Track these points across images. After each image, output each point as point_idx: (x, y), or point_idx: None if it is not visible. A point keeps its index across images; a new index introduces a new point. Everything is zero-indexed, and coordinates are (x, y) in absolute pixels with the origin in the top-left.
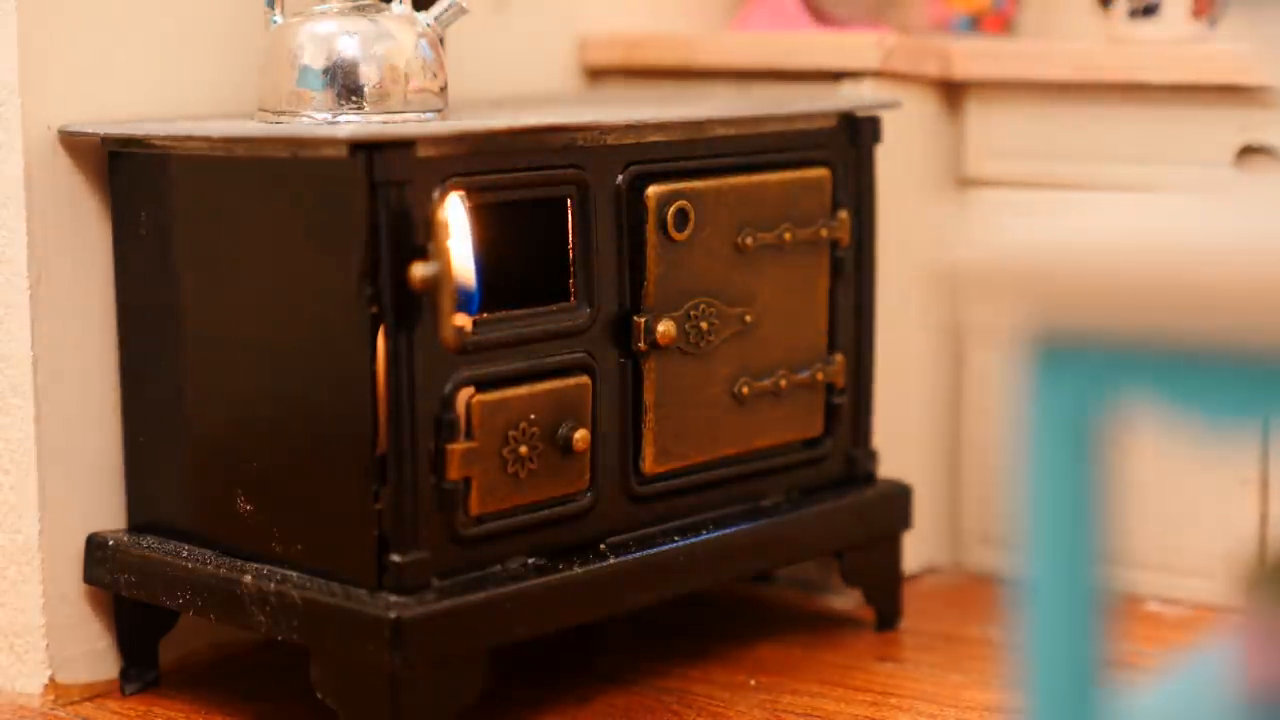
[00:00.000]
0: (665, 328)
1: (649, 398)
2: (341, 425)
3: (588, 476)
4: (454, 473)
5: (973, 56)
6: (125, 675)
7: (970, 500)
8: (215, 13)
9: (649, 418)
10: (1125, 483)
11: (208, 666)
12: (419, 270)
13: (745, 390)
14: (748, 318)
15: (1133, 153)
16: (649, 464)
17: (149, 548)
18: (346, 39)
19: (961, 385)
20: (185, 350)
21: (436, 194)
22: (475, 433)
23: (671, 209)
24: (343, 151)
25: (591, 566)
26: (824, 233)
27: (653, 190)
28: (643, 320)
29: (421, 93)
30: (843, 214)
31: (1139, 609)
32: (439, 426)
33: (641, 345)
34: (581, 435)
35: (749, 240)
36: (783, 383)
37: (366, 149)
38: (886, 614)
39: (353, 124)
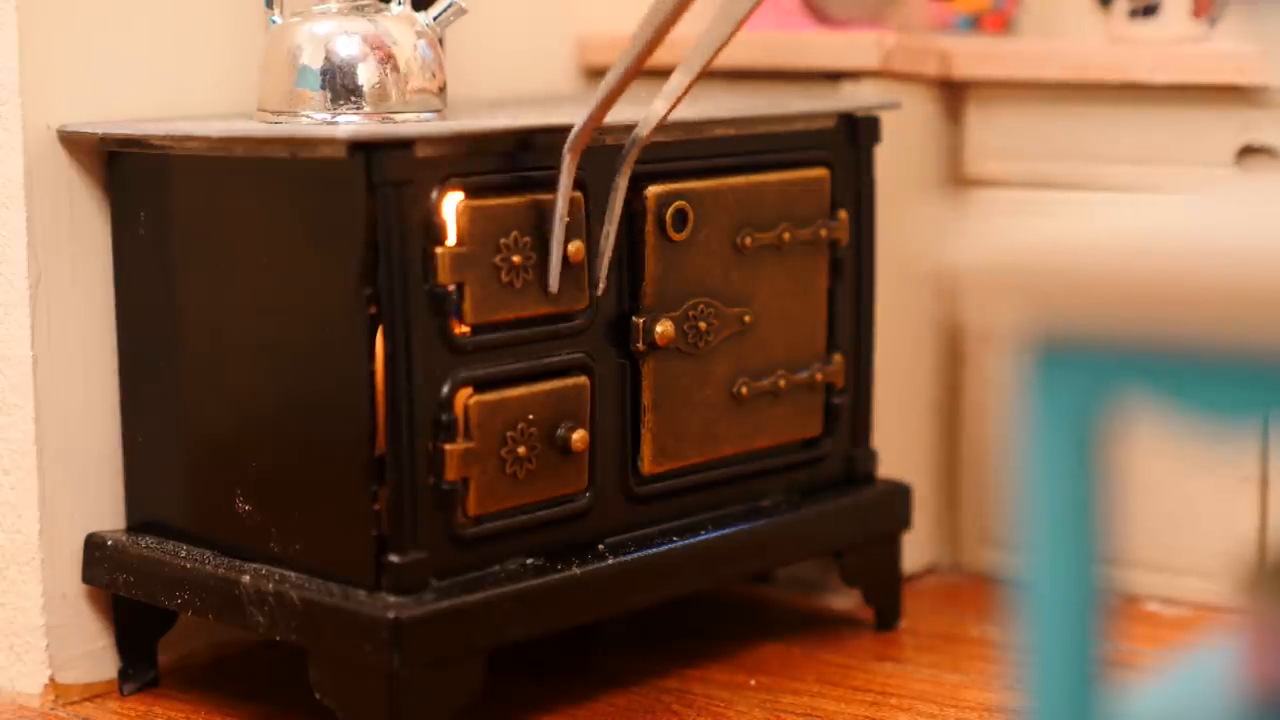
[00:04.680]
0: (664, 328)
1: (647, 398)
2: (340, 425)
3: (586, 477)
4: (452, 473)
5: (973, 56)
6: (124, 675)
7: (970, 500)
8: (215, 13)
9: (647, 418)
10: (1125, 483)
11: (206, 666)
12: (575, 247)
13: (744, 390)
14: (746, 318)
15: (1132, 153)
16: (647, 464)
17: (148, 547)
18: (345, 39)
19: (961, 385)
20: (184, 350)
21: (435, 194)
22: (473, 433)
23: (670, 209)
24: (341, 152)
25: (590, 567)
26: (823, 233)
27: (651, 190)
28: (641, 321)
29: (421, 93)
30: (842, 214)
31: (1139, 609)
32: (437, 427)
33: (640, 345)
34: (580, 435)
35: (748, 240)
36: (781, 383)
37: (365, 149)
38: (886, 614)
39: (352, 124)
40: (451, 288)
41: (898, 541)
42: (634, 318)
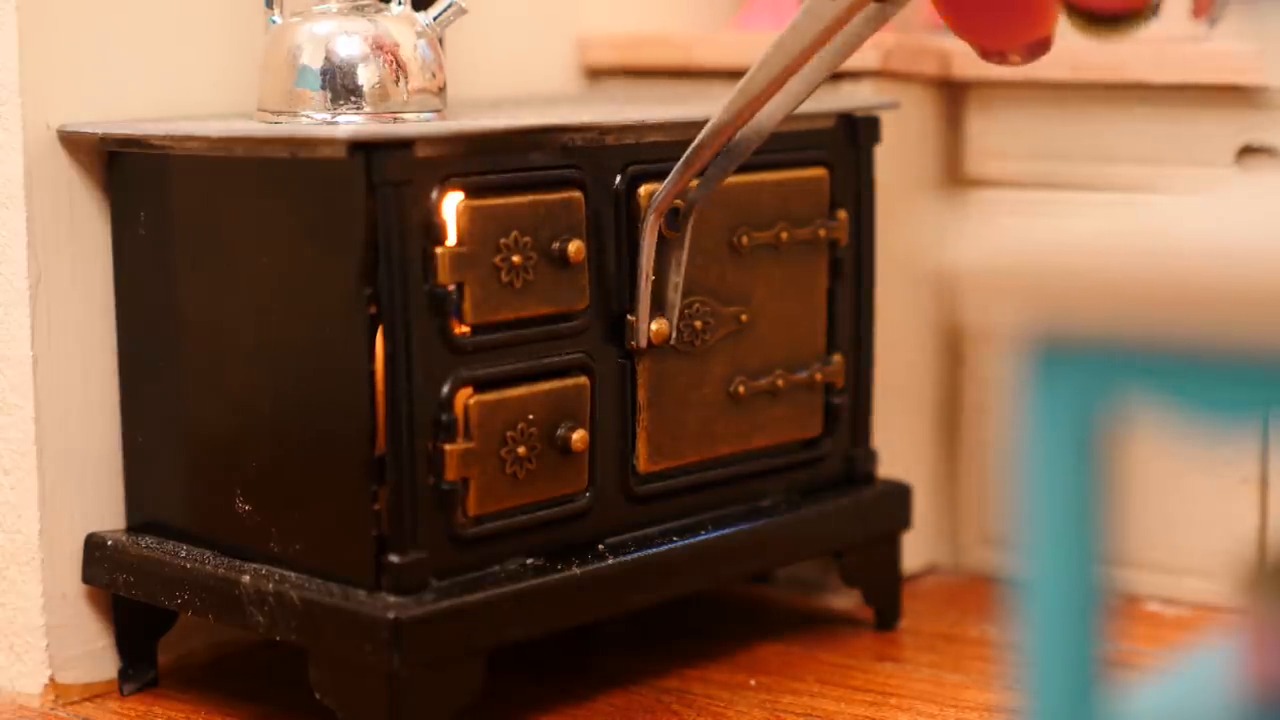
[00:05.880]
0: (658, 326)
1: (642, 396)
2: (340, 425)
3: (586, 477)
4: (452, 473)
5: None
6: (124, 675)
7: (970, 500)
8: (215, 13)
9: (642, 417)
10: (1125, 483)
11: (206, 666)
12: (575, 247)
13: (741, 390)
14: (743, 317)
15: (1133, 153)
16: (643, 463)
17: (148, 547)
18: (345, 39)
19: (961, 385)
20: (185, 350)
21: (435, 194)
22: (473, 433)
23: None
24: (341, 152)
25: (590, 567)
26: (823, 233)
27: (645, 189)
28: (636, 319)
29: (421, 93)
30: (841, 214)
31: (1139, 609)
32: (437, 427)
33: (634, 344)
34: (580, 435)
35: (744, 240)
36: (780, 382)
37: (365, 149)
38: (886, 614)
39: (352, 124)
40: (451, 288)
41: (898, 541)
42: (629, 316)
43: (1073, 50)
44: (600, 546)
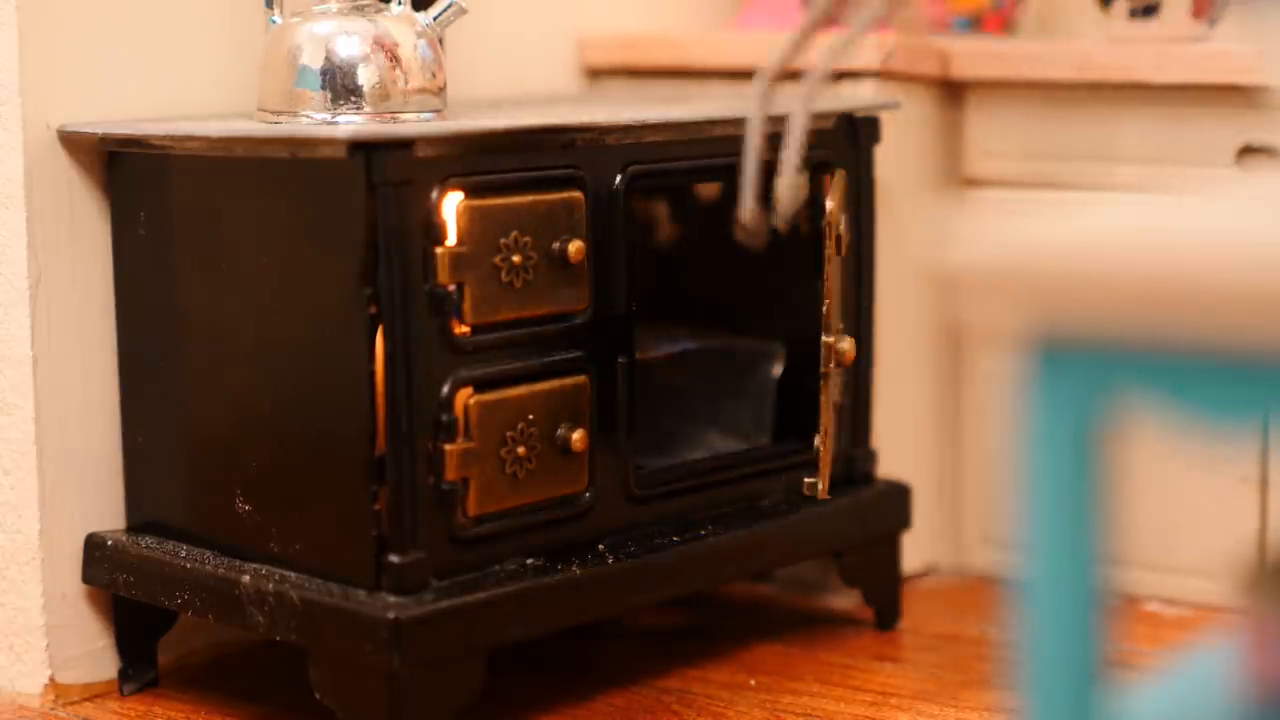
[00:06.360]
0: (848, 345)
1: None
2: (340, 425)
3: (586, 477)
4: (452, 473)
5: (973, 56)
6: (124, 675)
7: (970, 500)
8: (215, 13)
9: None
10: (1125, 483)
11: (206, 666)
12: (575, 247)
13: None
14: None
15: (1133, 153)
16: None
17: (148, 547)
18: (345, 39)
19: (961, 385)
20: (184, 350)
21: (435, 194)
22: (473, 433)
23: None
24: (341, 152)
25: (590, 567)
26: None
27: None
28: (832, 339)
29: (421, 93)
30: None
31: (1139, 609)
32: (437, 427)
33: (829, 368)
34: (580, 435)
35: None
36: None
37: (365, 149)
38: (886, 614)
39: (352, 124)
40: (451, 288)
41: (898, 541)
42: (824, 338)
43: (1073, 50)
44: (600, 546)
